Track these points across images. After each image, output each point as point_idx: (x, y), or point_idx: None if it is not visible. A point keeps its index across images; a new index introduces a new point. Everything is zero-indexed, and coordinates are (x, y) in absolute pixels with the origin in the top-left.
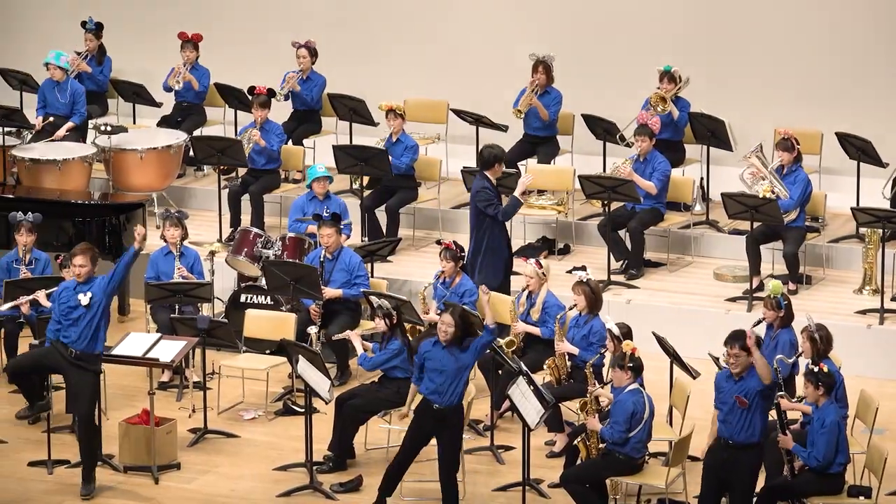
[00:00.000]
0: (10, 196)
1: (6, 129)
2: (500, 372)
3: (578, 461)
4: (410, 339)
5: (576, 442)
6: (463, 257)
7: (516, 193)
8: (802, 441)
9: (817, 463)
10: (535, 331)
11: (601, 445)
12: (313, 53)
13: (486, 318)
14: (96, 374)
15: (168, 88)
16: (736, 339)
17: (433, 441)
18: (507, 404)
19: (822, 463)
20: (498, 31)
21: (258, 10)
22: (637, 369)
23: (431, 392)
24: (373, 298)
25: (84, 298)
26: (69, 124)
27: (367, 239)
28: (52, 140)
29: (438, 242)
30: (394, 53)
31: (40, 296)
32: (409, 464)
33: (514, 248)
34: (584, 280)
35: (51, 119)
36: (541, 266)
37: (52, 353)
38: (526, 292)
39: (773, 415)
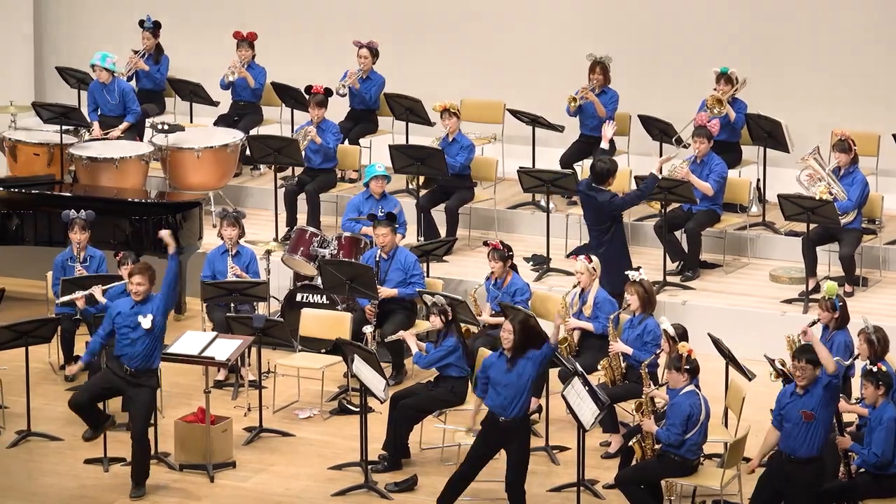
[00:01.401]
0: (68, 194)
1: (64, 127)
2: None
3: (633, 462)
4: (466, 341)
5: (631, 443)
6: (511, 256)
7: (654, 171)
8: (859, 443)
9: (876, 459)
10: (588, 326)
11: (656, 447)
12: (374, 54)
13: (552, 337)
14: (152, 390)
15: (225, 86)
16: (804, 352)
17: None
18: (532, 405)
19: (881, 459)
20: (556, 32)
21: (315, 9)
22: (693, 371)
23: (497, 406)
24: (427, 297)
25: (146, 322)
26: (124, 124)
27: (422, 239)
28: (107, 138)
29: (486, 244)
30: (451, 54)
31: (96, 291)
32: (473, 476)
33: (570, 248)
34: (638, 280)
35: (108, 132)
36: (591, 261)
37: (108, 377)
38: (577, 289)
39: None
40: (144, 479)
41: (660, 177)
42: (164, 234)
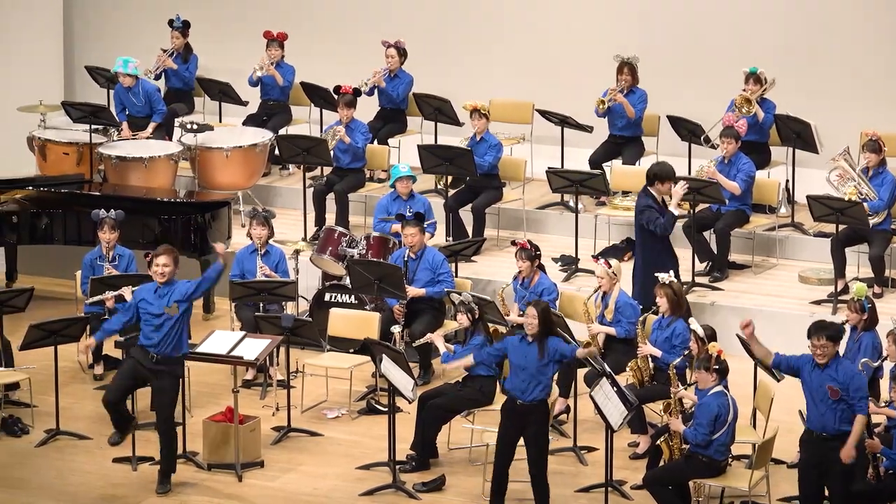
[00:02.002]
0: (97, 194)
1: (93, 126)
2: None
3: (661, 462)
4: (493, 340)
5: (659, 442)
6: (539, 256)
7: (671, 207)
8: (888, 445)
9: None
10: (611, 331)
11: (684, 447)
12: (402, 53)
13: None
14: (176, 378)
15: (253, 82)
16: (822, 328)
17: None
18: (560, 406)
19: None
20: (585, 32)
21: (344, 9)
22: (722, 371)
23: (516, 388)
24: (454, 295)
25: (172, 310)
26: (152, 124)
27: (450, 239)
28: (135, 138)
29: (514, 243)
30: (480, 54)
31: (126, 292)
32: (507, 465)
33: (599, 248)
34: (667, 282)
35: (136, 134)
36: (610, 266)
37: (134, 368)
38: (599, 293)
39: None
40: (171, 471)
41: (676, 214)
42: (219, 246)
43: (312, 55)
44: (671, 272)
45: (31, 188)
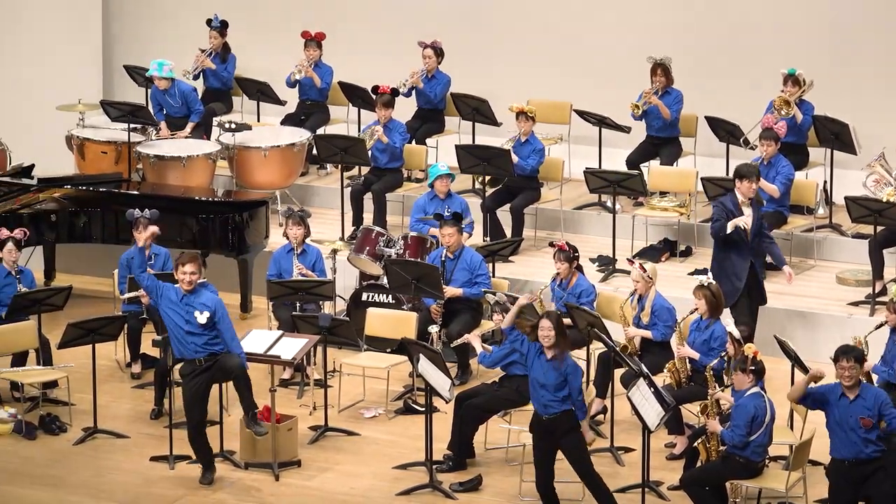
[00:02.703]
0: (135, 192)
1: (132, 125)
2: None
3: (698, 463)
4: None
5: (696, 444)
6: (577, 258)
7: (729, 227)
8: None
9: None
10: (647, 334)
11: (721, 448)
12: (439, 53)
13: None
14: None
15: (291, 83)
16: (848, 351)
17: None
18: (597, 406)
19: None
20: (624, 33)
21: (382, 9)
22: (759, 372)
23: (538, 405)
24: (489, 296)
25: (201, 317)
26: (190, 124)
27: (488, 239)
28: (174, 137)
29: (552, 245)
30: (517, 54)
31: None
32: (550, 476)
33: (636, 249)
34: (706, 284)
35: (175, 134)
36: (645, 270)
37: (190, 384)
38: (636, 296)
39: None
40: (253, 407)
41: (729, 230)
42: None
43: (350, 55)
44: (709, 273)
45: (69, 187)
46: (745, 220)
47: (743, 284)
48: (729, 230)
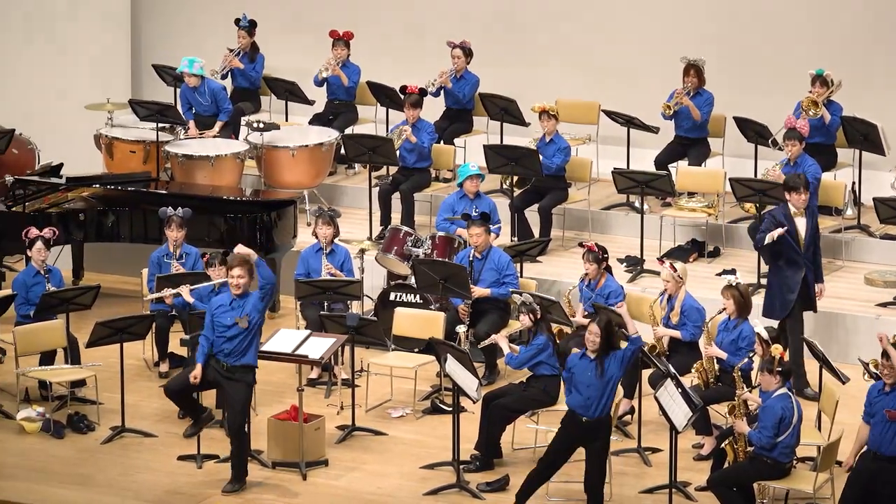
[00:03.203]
0: (164, 192)
1: (160, 125)
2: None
3: (726, 464)
4: (558, 340)
5: (723, 444)
6: (606, 259)
7: (767, 239)
8: None
9: None
10: (676, 334)
11: (749, 449)
12: (468, 53)
13: (630, 327)
14: (249, 386)
15: (318, 82)
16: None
17: None
18: (625, 406)
19: None
20: (651, 33)
21: (410, 8)
22: (786, 374)
23: (579, 405)
24: (515, 296)
25: (242, 322)
26: (218, 123)
27: (516, 239)
28: (202, 136)
29: (581, 245)
30: (546, 54)
31: (184, 290)
32: (552, 474)
33: (664, 249)
34: (734, 284)
35: (203, 133)
36: (675, 269)
37: (207, 369)
38: (665, 295)
39: None
40: (243, 474)
41: (767, 241)
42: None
43: (379, 55)
44: (737, 274)
45: (98, 186)
46: (780, 231)
47: (795, 296)
48: (767, 241)
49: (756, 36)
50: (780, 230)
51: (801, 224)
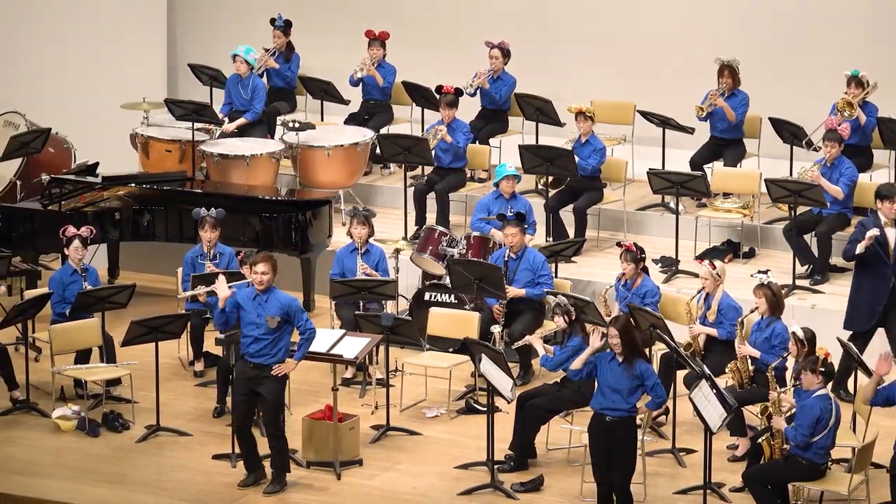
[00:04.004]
0: (199, 191)
1: (196, 124)
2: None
3: (762, 461)
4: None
5: (760, 440)
6: (643, 259)
7: (859, 248)
8: None
9: None
10: (712, 332)
11: (785, 447)
12: (506, 54)
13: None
14: (281, 383)
15: (353, 82)
16: None
17: None
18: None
19: None
20: (687, 33)
21: (447, 9)
22: (828, 374)
23: (604, 407)
24: (550, 297)
25: (272, 322)
26: (241, 120)
27: (551, 239)
28: (223, 133)
29: (619, 245)
30: (582, 54)
31: (220, 287)
32: (610, 478)
33: (699, 250)
34: (766, 283)
35: (231, 127)
36: (714, 267)
37: (240, 384)
38: (702, 294)
39: None
40: (284, 472)
41: (860, 250)
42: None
43: (414, 54)
44: (769, 273)
45: (133, 185)
46: (875, 231)
47: (882, 307)
48: (859, 251)
49: (791, 36)
50: (874, 230)
51: (890, 234)
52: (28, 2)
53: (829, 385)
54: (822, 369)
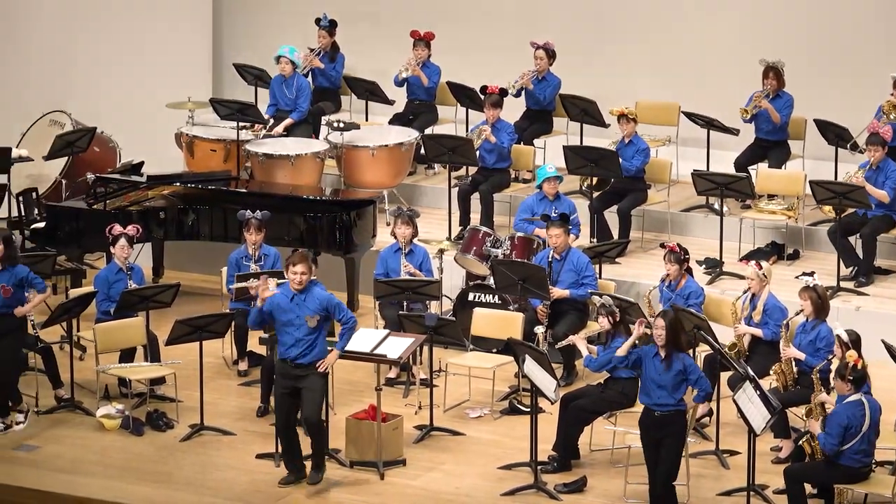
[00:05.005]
0: (244, 191)
1: (241, 124)
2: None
3: (807, 460)
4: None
5: (801, 441)
6: (687, 260)
7: None
8: None
9: None
10: (757, 332)
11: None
12: (551, 55)
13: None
14: (323, 377)
15: (398, 83)
16: None
17: None
18: (703, 409)
19: None
20: (732, 35)
21: (493, 9)
22: (858, 381)
23: (652, 404)
24: (595, 298)
25: (312, 321)
26: (287, 121)
27: (595, 240)
28: (270, 135)
29: (662, 246)
30: (627, 55)
31: (270, 282)
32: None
33: (744, 251)
34: (812, 285)
35: (279, 129)
36: (761, 267)
37: (282, 383)
38: (748, 294)
39: None
40: (323, 460)
41: None
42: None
43: (459, 55)
44: (814, 275)
45: (178, 184)
46: None
47: None
48: None
49: (836, 38)
50: None
51: None
52: (75, 2)
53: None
54: (851, 376)
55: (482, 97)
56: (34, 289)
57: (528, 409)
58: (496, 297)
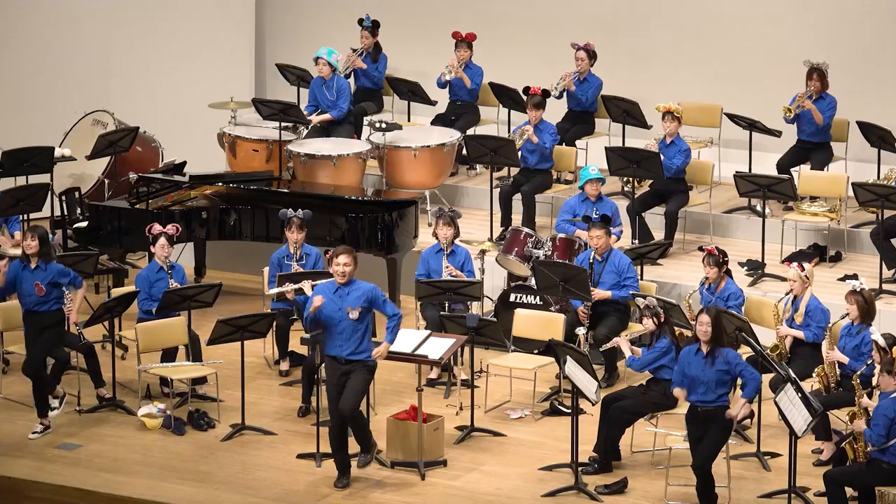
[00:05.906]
0: (286, 191)
1: (283, 124)
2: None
3: (848, 464)
4: (679, 343)
5: (843, 444)
6: (726, 262)
7: None
8: None
9: None
10: (799, 334)
11: (868, 450)
12: (592, 56)
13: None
14: (370, 371)
15: (441, 84)
16: None
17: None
18: (745, 411)
19: None
20: (775, 36)
21: (533, 9)
22: None
23: (697, 401)
24: (639, 299)
25: (353, 313)
26: (325, 116)
27: (636, 241)
28: (309, 121)
29: (701, 249)
30: (669, 56)
31: (305, 286)
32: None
33: (786, 254)
34: (858, 289)
35: (318, 122)
36: (803, 269)
37: (332, 384)
38: (790, 296)
39: None
40: (368, 445)
41: None
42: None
43: (501, 56)
44: (861, 279)
45: (220, 184)
46: None
47: None
48: None
49: (881, 40)
50: None
51: None
52: (118, 2)
53: None
54: None
55: (524, 98)
56: (72, 285)
57: (570, 411)
58: (537, 297)
